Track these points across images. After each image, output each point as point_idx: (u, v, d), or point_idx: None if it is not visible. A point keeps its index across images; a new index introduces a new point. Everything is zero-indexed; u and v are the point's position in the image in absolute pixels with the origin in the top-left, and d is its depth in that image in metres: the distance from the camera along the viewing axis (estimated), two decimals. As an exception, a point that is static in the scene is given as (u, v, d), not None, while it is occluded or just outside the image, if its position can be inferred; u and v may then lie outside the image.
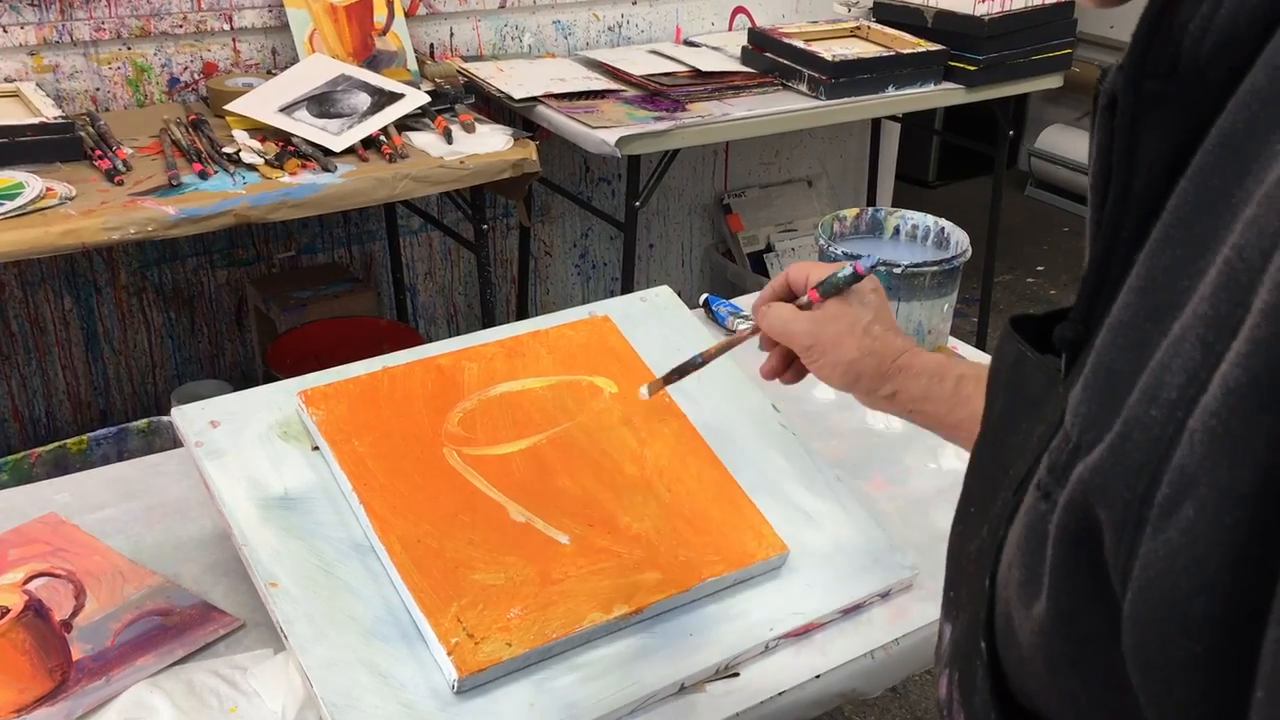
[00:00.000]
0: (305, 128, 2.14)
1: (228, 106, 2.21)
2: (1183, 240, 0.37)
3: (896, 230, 1.58)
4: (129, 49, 2.36)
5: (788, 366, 1.00)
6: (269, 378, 2.26)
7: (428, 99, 2.29)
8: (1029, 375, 0.50)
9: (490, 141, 2.21)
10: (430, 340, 2.31)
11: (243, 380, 2.70)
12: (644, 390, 1.10)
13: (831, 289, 0.95)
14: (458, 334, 2.63)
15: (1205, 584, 0.32)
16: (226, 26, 2.43)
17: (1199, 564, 0.32)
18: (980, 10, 2.79)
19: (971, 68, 2.76)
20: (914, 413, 0.93)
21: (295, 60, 2.42)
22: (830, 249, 1.48)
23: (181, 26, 2.39)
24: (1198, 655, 0.33)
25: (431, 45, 2.70)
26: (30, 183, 1.88)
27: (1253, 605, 0.31)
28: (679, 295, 1.33)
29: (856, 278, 0.95)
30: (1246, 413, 0.31)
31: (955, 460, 1.28)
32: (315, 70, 2.32)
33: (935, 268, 1.44)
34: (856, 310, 0.95)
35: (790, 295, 0.99)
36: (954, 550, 0.54)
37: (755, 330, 1.00)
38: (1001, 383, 0.53)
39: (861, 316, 0.95)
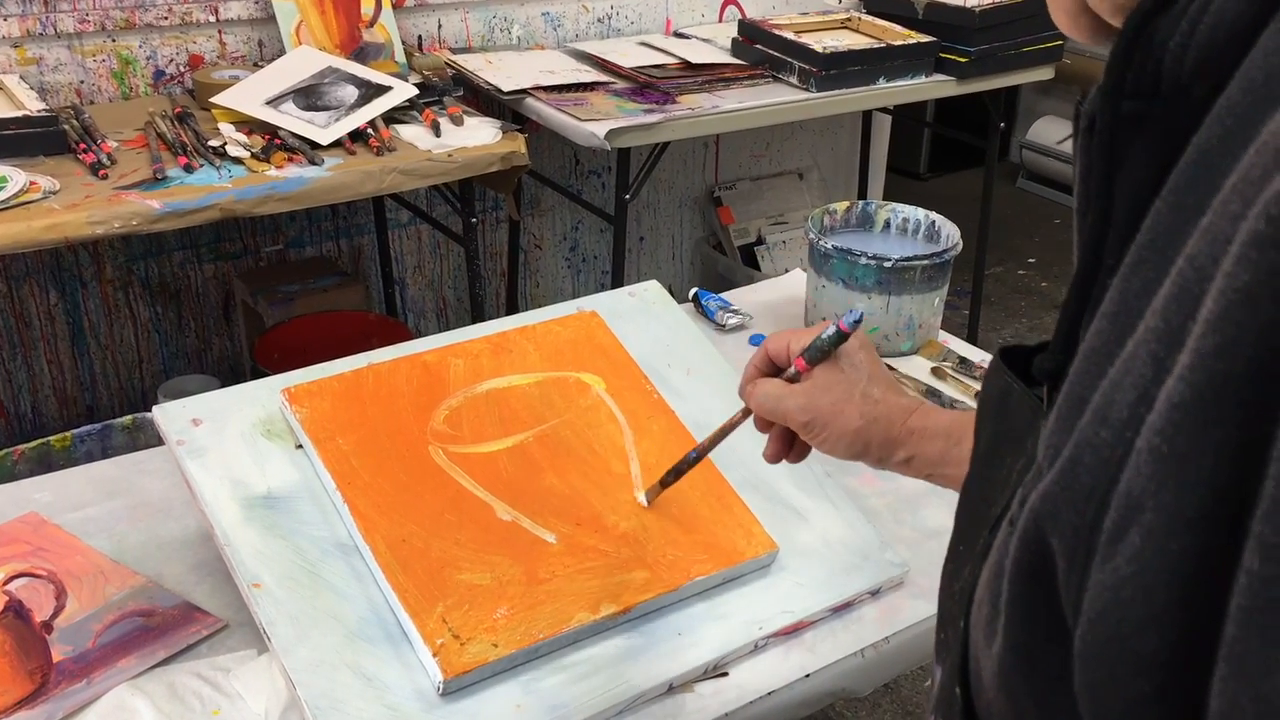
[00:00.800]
0: (292, 121, 2.12)
1: (214, 99, 2.19)
2: (1154, 262, 0.35)
3: (887, 224, 1.58)
4: (114, 41, 2.34)
5: (791, 445, 0.91)
6: (257, 372, 2.25)
7: (416, 91, 2.27)
8: (1014, 408, 0.47)
9: (479, 134, 2.20)
10: (419, 334, 2.30)
11: (230, 375, 2.68)
12: (642, 497, 1.04)
13: (818, 354, 0.88)
14: (447, 328, 2.62)
15: (1154, 617, 0.30)
16: (212, 18, 2.41)
17: (1146, 595, 0.30)
18: (971, 2, 2.78)
19: (962, 59, 2.75)
20: (932, 476, 0.85)
21: (282, 52, 2.40)
22: (820, 243, 1.47)
23: (167, 18, 2.37)
24: (1148, 695, 0.31)
25: (419, 37, 2.68)
26: (13, 176, 1.86)
27: (1205, 639, 0.29)
28: (669, 288, 1.32)
29: (842, 336, 0.88)
30: (1192, 429, 0.29)
31: (946, 456, 1.27)
32: (302, 63, 2.31)
33: (926, 262, 1.43)
34: (849, 375, 0.87)
35: (774, 368, 0.91)
36: (942, 589, 0.52)
37: (748, 413, 0.91)
38: (989, 415, 0.50)
39: (857, 380, 0.87)
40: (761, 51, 2.69)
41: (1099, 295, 0.39)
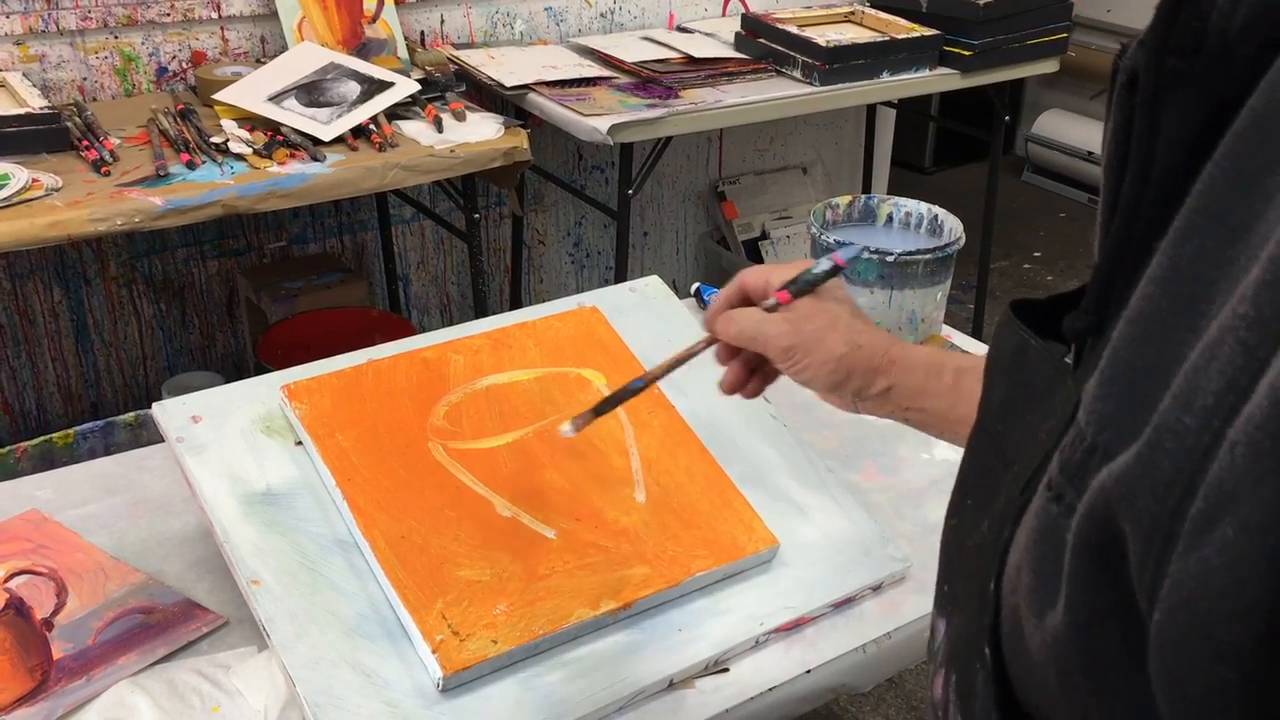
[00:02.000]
0: (294, 117, 2.12)
1: (216, 96, 2.19)
2: (1210, 228, 0.35)
3: (890, 218, 1.57)
4: (116, 38, 2.34)
5: (749, 378, 0.92)
6: (260, 369, 2.25)
7: (418, 87, 2.27)
8: (1032, 364, 0.47)
9: (481, 130, 2.19)
10: (423, 330, 2.30)
11: (234, 372, 2.69)
12: (566, 427, 0.91)
13: (807, 286, 0.88)
14: (451, 324, 2.61)
15: (1244, 608, 0.30)
16: (215, 15, 2.41)
17: (1238, 586, 0.30)
18: (975, -5, 2.77)
19: (967, 53, 2.74)
20: (910, 410, 0.86)
21: (284, 49, 2.39)
22: (822, 237, 1.46)
23: (169, 15, 2.37)
24: (1232, 683, 0.30)
25: (422, 32, 2.68)
26: (16, 174, 1.86)
27: None
28: (673, 283, 1.31)
29: (836, 271, 0.88)
30: None
31: (948, 451, 1.27)
32: (304, 59, 2.30)
33: (928, 255, 1.43)
34: (834, 306, 0.88)
35: (747, 303, 0.90)
36: (948, 543, 0.51)
37: (710, 343, 0.91)
38: (1001, 370, 0.50)
39: (841, 311, 0.88)
40: (765, 46, 2.68)
41: (1136, 255, 0.39)
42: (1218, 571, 0.30)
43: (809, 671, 0.97)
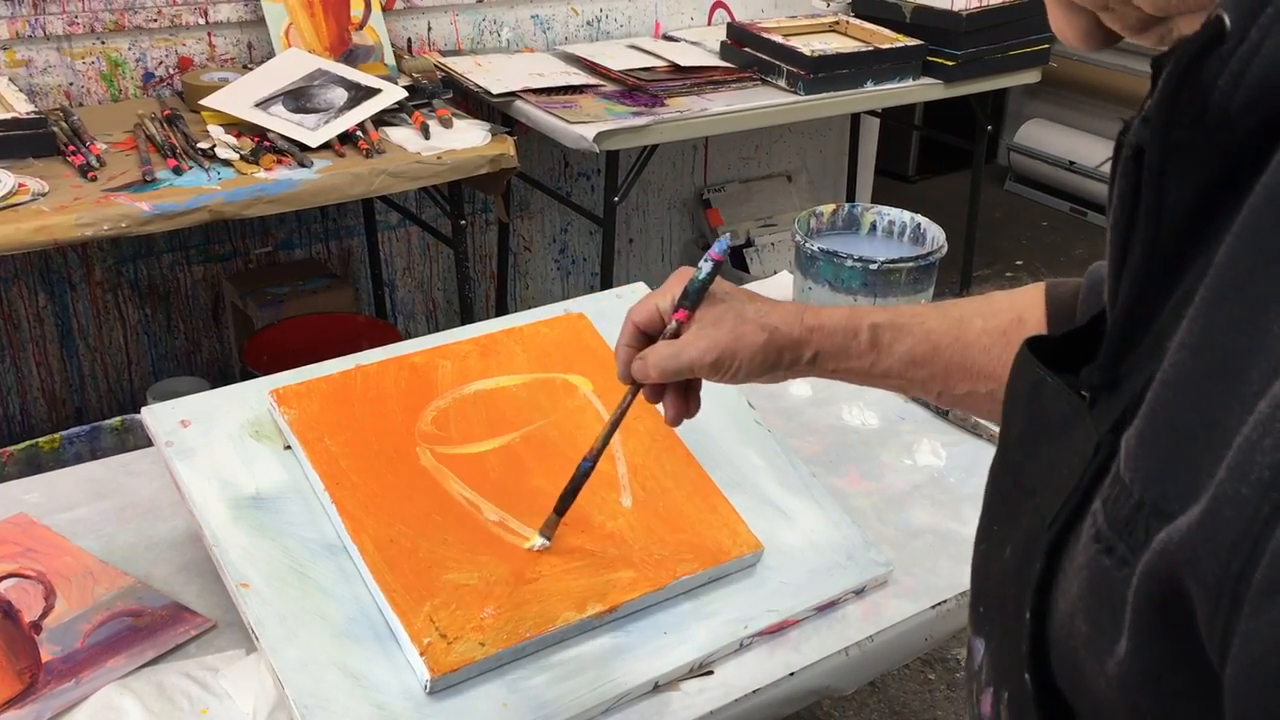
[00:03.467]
0: (281, 123, 2.13)
1: (203, 101, 2.20)
2: (1238, 299, 0.37)
3: (873, 226, 1.59)
4: (103, 43, 2.34)
5: (688, 401, 0.93)
6: (246, 374, 2.25)
7: (405, 94, 2.28)
8: (1048, 399, 0.49)
9: (468, 137, 2.21)
10: (409, 336, 2.31)
11: (220, 377, 2.68)
12: (539, 540, 0.98)
13: (697, 295, 0.89)
14: (437, 330, 2.62)
15: None
16: (202, 21, 2.42)
17: None
18: (958, 5, 2.80)
19: (950, 63, 2.77)
20: (836, 371, 0.89)
21: (271, 55, 2.40)
22: (806, 244, 1.48)
23: (156, 20, 2.37)
24: None
25: (409, 40, 2.69)
26: (2, 179, 1.86)
27: None
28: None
29: (717, 267, 0.89)
30: None
31: (930, 457, 1.28)
32: (291, 65, 2.31)
33: (911, 264, 1.44)
34: (731, 302, 0.89)
35: (647, 339, 0.92)
36: (978, 568, 0.54)
37: (636, 392, 0.92)
38: (1020, 404, 0.52)
39: (740, 304, 0.89)
40: (750, 54, 2.70)
41: (1145, 316, 0.43)
42: None
43: (792, 674, 0.98)
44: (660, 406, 0.94)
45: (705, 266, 0.89)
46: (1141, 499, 0.38)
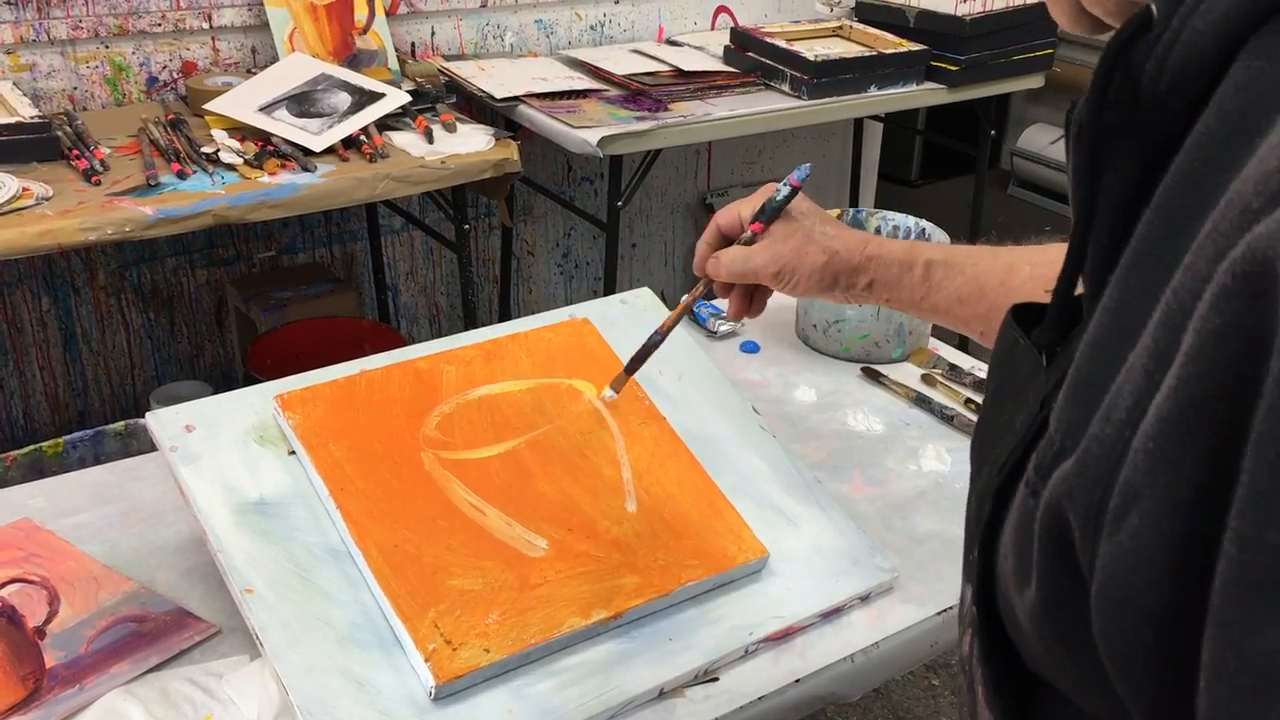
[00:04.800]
0: (285, 127, 2.13)
1: (207, 106, 2.20)
2: (1150, 266, 0.41)
3: (878, 231, 1.58)
4: (107, 48, 2.34)
5: (750, 302, 1.04)
6: (249, 379, 2.25)
7: (409, 98, 2.28)
8: (1018, 360, 0.54)
9: (471, 141, 2.21)
10: (412, 341, 2.31)
11: (223, 381, 2.68)
12: (608, 392, 1.10)
13: (774, 212, 0.98)
14: (440, 334, 2.62)
15: (1151, 581, 0.37)
16: (206, 25, 2.42)
17: (1145, 564, 0.37)
18: (962, 10, 2.80)
19: (953, 67, 2.77)
20: (890, 300, 0.97)
21: (275, 59, 2.40)
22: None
23: (160, 25, 2.37)
24: (1149, 641, 0.37)
25: (413, 44, 2.69)
26: (6, 183, 1.86)
27: (1194, 601, 0.35)
28: (662, 294, 1.33)
29: (794, 192, 0.98)
30: (1177, 437, 0.36)
31: (935, 462, 1.28)
32: (295, 69, 2.31)
33: (916, 269, 1.44)
34: (803, 222, 0.99)
35: (726, 241, 1.02)
36: (967, 516, 0.59)
37: (708, 284, 1.03)
38: (997, 365, 0.57)
39: (811, 225, 0.99)
40: (753, 59, 2.70)
41: (1088, 284, 0.47)
42: (1131, 553, 0.37)
43: (798, 681, 0.98)
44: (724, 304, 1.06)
45: (784, 189, 0.99)
46: (1061, 447, 0.42)
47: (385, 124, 2.23)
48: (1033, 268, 0.92)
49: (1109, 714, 0.42)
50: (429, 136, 2.19)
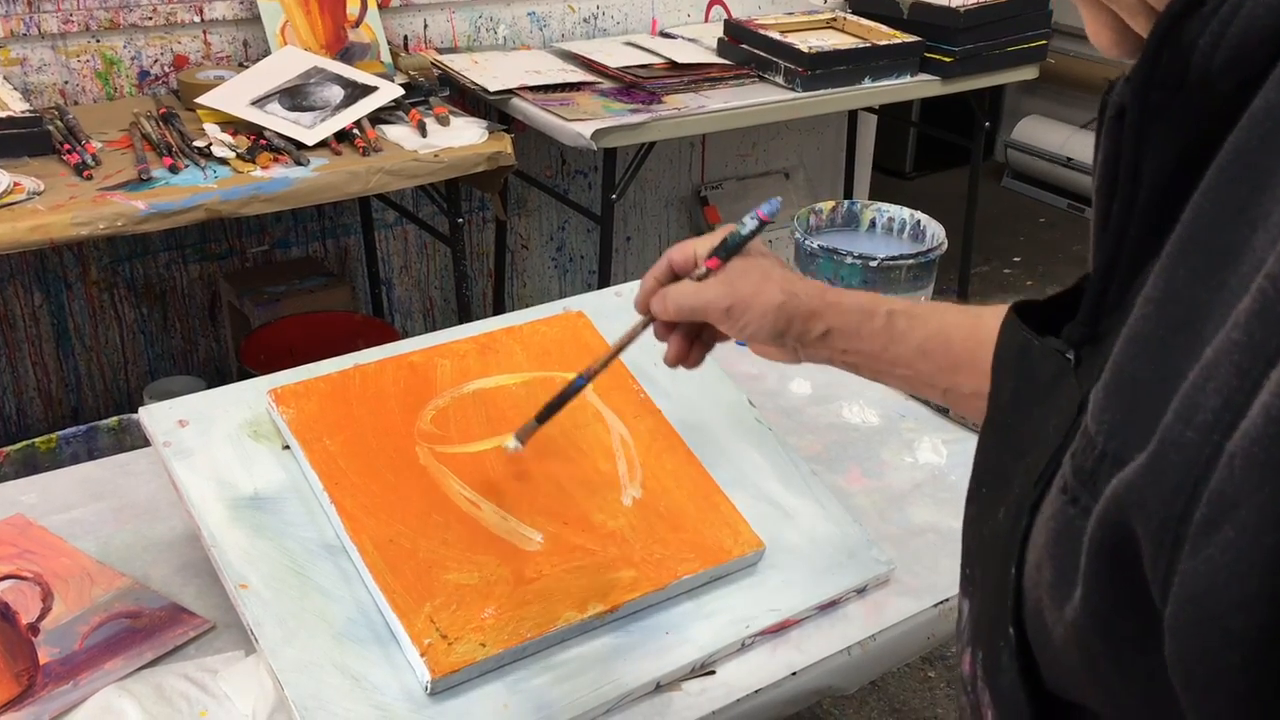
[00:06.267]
0: (277, 121, 2.12)
1: (199, 100, 2.19)
2: (1201, 255, 0.38)
3: (873, 223, 1.58)
4: (98, 41, 2.33)
5: (690, 347, 0.95)
6: (243, 374, 2.24)
7: (401, 92, 2.27)
8: (1036, 361, 0.50)
9: (465, 134, 2.20)
10: (406, 335, 2.30)
11: (216, 376, 2.68)
12: (512, 443, 1.00)
13: (735, 248, 0.90)
14: (434, 328, 2.61)
15: (1245, 600, 0.33)
16: (197, 19, 2.41)
17: (1238, 581, 0.33)
18: (956, 2, 2.80)
19: (947, 59, 2.76)
20: (847, 352, 0.89)
21: (267, 53, 2.39)
22: (806, 242, 1.47)
23: (151, 19, 2.36)
24: (1236, 665, 0.34)
25: (405, 37, 2.68)
26: (-3, 178, 1.85)
27: None
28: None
29: (761, 226, 0.91)
30: None
31: (931, 454, 1.28)
32: (287, 63, 2.30)
33: (911, 261, 1.44)
34: (763, 261, 0.91)
35: (676, 278, 0.93)
36: (967, 530, 0.55)
37: (647, 324, 0.94)
38: (1008, 368, 0.53)
39: (771, 265, 0.91)
40: (747, 51, 2.70)
41: (1123, 274, 0.44)
42: (1222, 569, 0.34)
43: (794, 674, 0.98)
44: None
45: (750, 224, 0.90)
46: (1104, 450, 0.39)
47: (378, 117, 2.22)
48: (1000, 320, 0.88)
49: None
50: (422, 130, 2.19)
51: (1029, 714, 0.46)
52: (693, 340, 0.94)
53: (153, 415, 1.03)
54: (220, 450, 1.02)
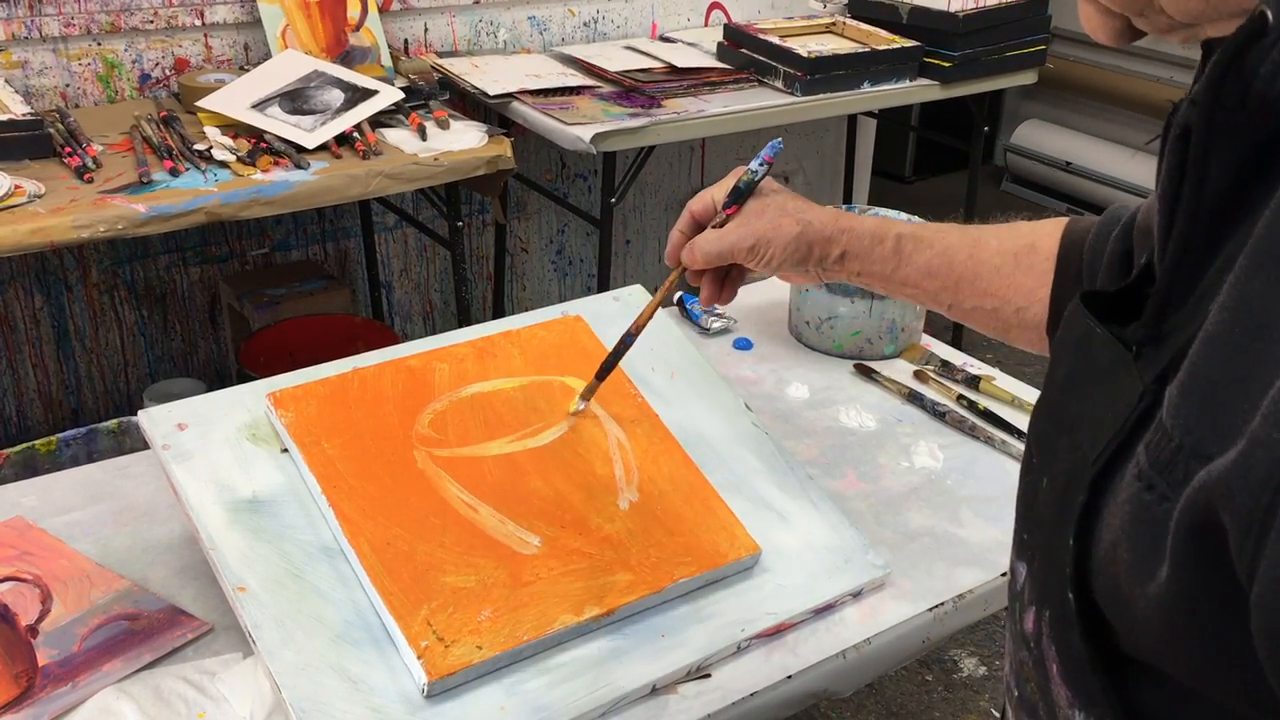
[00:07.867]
0: (278, 124, 2.13)
1: (199, 103, 2.19)
2: (1273, 268, 0.42)
3: (870, 228, 1.58)
4: (99, 45, 2.34)
5: (722, 287, 1.03)
6: (243, 376, 2.24)
7: (402, 95, 2.28)
8: (1096, 349, 0.55)
9: (465, 138, 2.20)
10: (406, 338, 2.30)
11: (216, 379, 2.68)
12: (578, 401, 1.10)
13: (747, 191, 0.99)
14: (433, 331, 2.62)
15: None
16: (198, 22, 2.41)
17: None
18: (955, 6, 2.80)
19: (946, 64, 2.77)
20: (861, 274, 0.97)
21: (268, 56, 2.40)
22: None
23: (152, 22, 2.37)
24: None
25: (406, 41, 2.69)
26: (-2, 180, 1.86)
27: None
28: (655, 292, 1.32)
29: (768, 169, 0.99)
30: None
31: (928, 459, 1.28)
32: (288, 66, 2.31)
33: (908, 266, 1.44)
34: (772, 198, 0.99)
35: (700, 228, 1.01)
36: (1022, 497, 0.60)
37: (681, 273, 1.02)
38: (1068, 350, 0.58)
39: (783, 200, 0.99)
40: (747, 55, 2.70)
41: (1186, 280, 0.49)
42: None
43: (790, 677, 0.98)
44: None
45: (755, 166, 0.99)
46: (1181, 443, 0.43)
47: (378, 121, 2.22)
48: (999, 241, 0.93)
49: (1237, 700, 0.44)
50: (422, 133, 2.19)
51: (1093, 668, 0.50)
52: (722, 280, 1.02)
53: (152, 418, 1.03)
54: (219, 453, 1.02)
